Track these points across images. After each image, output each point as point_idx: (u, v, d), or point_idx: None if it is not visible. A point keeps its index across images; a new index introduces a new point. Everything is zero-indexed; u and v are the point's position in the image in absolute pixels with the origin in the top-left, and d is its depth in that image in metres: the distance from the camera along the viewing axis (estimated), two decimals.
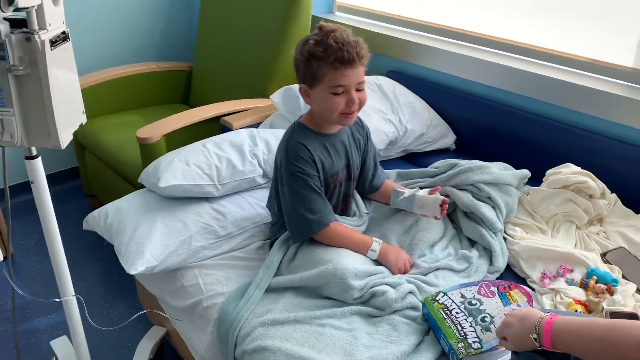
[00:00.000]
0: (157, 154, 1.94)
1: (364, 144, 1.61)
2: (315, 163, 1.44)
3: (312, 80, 1.38)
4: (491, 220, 1.58)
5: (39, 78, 0.95)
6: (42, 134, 0.98)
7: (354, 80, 1.36)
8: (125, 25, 2.89)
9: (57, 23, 0.99)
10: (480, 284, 1.34)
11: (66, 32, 1.02)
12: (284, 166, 1.43)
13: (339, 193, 1.56)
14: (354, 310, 1.34)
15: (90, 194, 2.72)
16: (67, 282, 1.37)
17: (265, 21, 2.38)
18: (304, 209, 1.42)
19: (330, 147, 1.49)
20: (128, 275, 2.27)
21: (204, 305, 1.45)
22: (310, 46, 1.35)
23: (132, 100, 2.72)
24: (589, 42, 1.91)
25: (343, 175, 1.54)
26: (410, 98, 2.18)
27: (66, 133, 1.03)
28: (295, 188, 1.43)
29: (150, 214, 1.61)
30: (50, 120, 0.96)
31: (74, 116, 1.06)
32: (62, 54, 0.99)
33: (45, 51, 0.94)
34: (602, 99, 1.79)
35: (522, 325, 1.03)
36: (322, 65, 1.34)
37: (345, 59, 1.32)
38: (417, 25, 2.41)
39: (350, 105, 1.38)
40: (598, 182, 1.67)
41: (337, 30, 1.35)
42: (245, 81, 2.46)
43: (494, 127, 2.08)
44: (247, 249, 1.61)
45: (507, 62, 2.05)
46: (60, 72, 0.98)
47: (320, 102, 1.40)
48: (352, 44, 1.33)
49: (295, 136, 1.45)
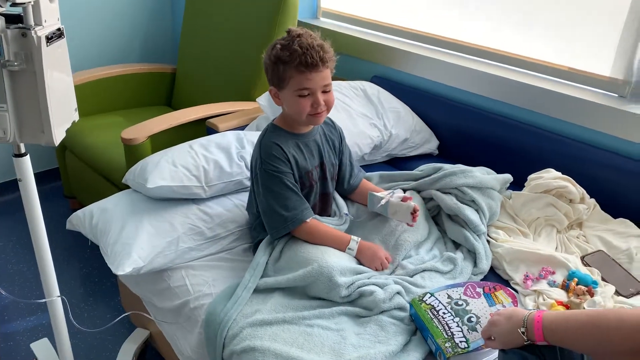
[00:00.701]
0: (142, 155, 1.93)
1: (339, 143, 1.64)
2: (289, 161, 1.46)
3: (280, 83, 1.42)
4: (475, 222, 1.61)
5: (34, 74, 0.94)
6: (36, 131, 0.97)
7: (319, 83, 1.40)
8: (108, 26, 2.87)
9: (52, 19, 0.99)
10: (467, 285, 1.37)
11: (61, 28, 1.02)
12: (259, 166, 1.46)
13: (316, 192, 1.58)
14: (342, 310, 1.35)
15: (71, 195, 2.68)
16: (52, 283, 1.36)
17: (251, 24, 2.39)
18: (278, 206, 1.44)
19: (303, 146, 1.52)
20: (110, 277, 2.25)
21: (191, 306, 1.44)
22: (277, 50, 1.39)
23: (114, 101, 2.70)
24: (568, 51, 1.96)
25: (317, 174, 1.56)
26: (394, 103, 2.21)
27: (59, 130, 1.02)
28: (270, 186, 1.45)
29: (137, 215, 1.60)
30: (44, 117, 0.95)
31: (67, 113, 1.05)
32: (57, 50, 0.98)
33: (41, 47, 0.93)
34: (581, 107, 1.84)
35: (509, 322, 1.06)
36: (287, 69, 1.38)
37: (309, 63, 1.37)
38: (401, 33, 2.44)
39: (316, 107, 1.42)
40: (578, 187, 1.71)
41: (303, 35, 1.39)
42: (231, 84, 2.46)
43: (476, 133, 2.12)
44: (234, 251, 1.61)
45: (490, 70, 2.09)
46: (55, 69, 0.97)
47: (288, 104, 1.45)
48: (316, 48, 1.37)
49: (269, 136, 1.49)
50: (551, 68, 2.00)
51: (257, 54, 2.35)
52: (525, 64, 2.07)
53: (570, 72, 1.96)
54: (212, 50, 2.57)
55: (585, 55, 1.92)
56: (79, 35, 2.75)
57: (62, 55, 1.01)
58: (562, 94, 1.87)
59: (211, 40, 2.57)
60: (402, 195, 1.58)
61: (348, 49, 2.47)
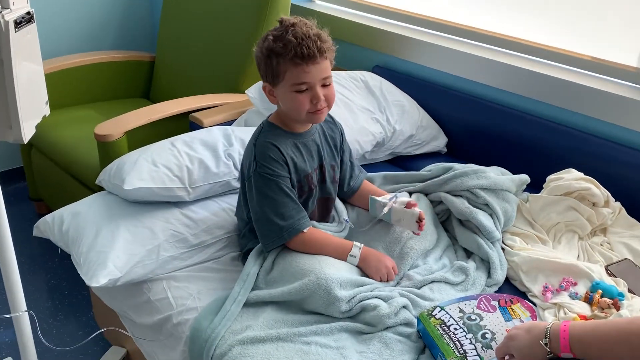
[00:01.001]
0: (118, 153, 1.92)
1: (340, 141, 1.64)
2: (286, 164, 1.46)
3: (274, 78, 1.42)
4: (488, 228, 1.61)
5: (1, 62, 0.94)
6: (2, 126, 0.97)
7: (317, 76, 1.40)
8: (78, 9, 2.86)
9: (21, 2, 0.98)
10: (480, 298, 1.37)
11: (31, 12, 1.02)
12: (253, 168, 1.46)
13: (315, 197, 1.58)
14: (342, 326, 1.35)
15: (37, 197, 2.68)
16: (19, 296, 1.36)
17: (239, 8, 2.39)
18: (274, 214, 1.44)
19: (302, 146, 1.52)
20: (81, 289, 2.24)
21: (173, 321, 1.44)
22: (270, 42, 1.39)
23: (85, 93, 2.70)
24: (591, 39, 1.97)
25: (317, 177, 1.56)
26: (398, 96, 2.22)
27: (29, 125, 1.02)
28: (265, 191, 1.45)
29: (113, 220, 1.60)
30: (12, 111, 0.95)
31: (37, 107, 1.05)
32: (26, 36, 0.98)
33: (9, 33, 0.93)
34: (605, 100, 1.85)
35: (529, 335, 1.07)
36: (282, 62, 1.38)
37: (305, 55, 1.36)
38: (405, 17, 2.45)
39: (315, 102, 1.42)
40: (602, 189, 1.72)
41: (297, 24, 1.39)
42: (216, 74, 2.46)
43: (489, 129, 2.13)
44: (221, 260, 1.61)
45: (505, 59, 2.10)
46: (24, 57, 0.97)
47: (285, 101, 1.45)
48: (312, 37, 1.37)
49: (264, 135, 1.48)
50: (572, 58, 2.01)
51: (246, 41, 2.36)
52: (544, 53, 2.08)
53: (594, 62, 1.97)
54: (195, 37, 2.56)
55: (609, 44, 1.94)
56: (46, 19, 2.74)
57: (32, 42, 1.01)
58: (585, 86, 1.89)
59: (194, 25, 2.57)
60: (407, 200, 1.58)
61: (347, 35, 2.47)
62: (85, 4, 2.88)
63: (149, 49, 2.99)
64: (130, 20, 3.05)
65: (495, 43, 2.20)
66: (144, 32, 3.10)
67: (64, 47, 2.82)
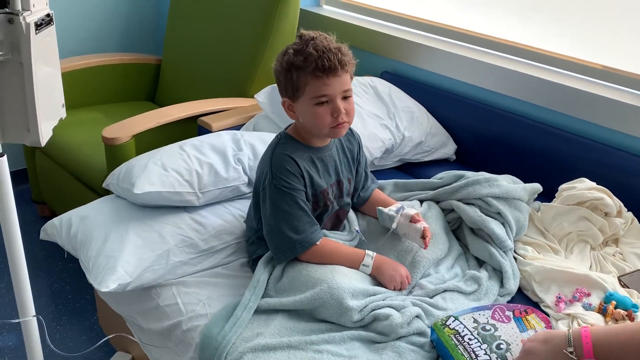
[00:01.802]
0: (125, 156, 1.92)
1: (357, 153, 1.63)
2: (303, 177, 1.46)
3: (294, 92, 1.42)
4: (501, 237, 1.61)
5: (21, 65, 0.93)
6: (20, 129, 0.96)
7: (338, 88, 1.40)
8: (84, 11, 2.86)
9: (41, 4, 0.98)
10: (494, 308, 1.37)
11: (50, 14, 1.01)
12: (269, 180, 1.45)
13: (331, 211, 1.57)
14: (354, 335, 1.34)
15: (40, 200, 2.66)
16: (28, 301, 1.35)
17: (248, 12, 2.38)
18: (287, 227, 1.43)
19: (319, 162, 1.51)
20: (85, 293, 2.23)
21: (183, 328, 1.43)
22: (290, 56, 1.40)
23: (91, 95, 2.69)
24: (603, 48, 1.97)
25: (334, 193, 1.56)
26: (407, 102, 2.21)
27: (46, 128, 1.01)
28: (279, 204, 1.44)
29: (122, 224, 1.58)
30: (30, 114, 0.94)
31: (55, 109, 1.04)
32: (45, 39, 0.98)
33: (30, 35, 0.92)
34: (617, 110, 1.85)
35: (548, 345, 1.06)
36: (302, 75, 1.38)
37: (327, 67, 1.37)
38: (414, 23, 2.45)
39: (337, 115, 1.41)
40: (615, 199, 1.72)
41: (317, 38, 1.40)
42: (224, 78, 2.46)
43: (499, 137, 2.13)
44: (231, 266, 1.60)
45: (516, 67, 2.10)
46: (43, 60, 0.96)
47: (305, 116, 1.44)
48: (333, 50, 1.38)
49: (281, 147, 1.47)
50: (584, 66, 2.01)
51: (254, 45, 2.36)
52: (554, 61, 2.08)
53: (606, 71, 1.97)
54: (202, 40, 2.56)
55: (621, 52, 1.94)
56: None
57: (51, 45, 1.00)
58: (597, 95, 1.89)
59: (201, 28, 2.57)
60: (412, 214, 1.54)
61: (355, 41, 2.47)
62: (91, 6, 2.87)
63: (155, 51, 2.99)
64: (136, 23, 3.05)
65: (505, 50, 2.20)
66: (150, 35, 3.10)
67: (70, 49, 2.81)
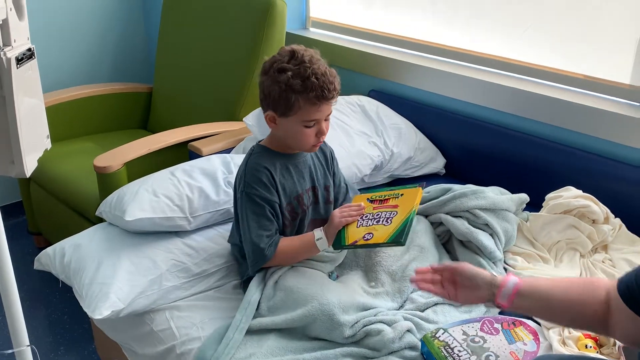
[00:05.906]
0: (117, 184, 1.94)
1: (330, 162, 1.66)
2: (276, 188, 1.49)
3: (286, 111, 1.45)
4: (490, 249, 1.63)
5: (3, 99, 0.96)
6: (4, 161, 0.98)
7: (326, 112, 1.46)
8: (75, 43, 2.90)
9: (22, 39, 1.01)
10: (483, 320, 1.38)
11: (32, 48, 1.04)
12: (241, 188, 1.49)
13: (307, 219, 1.59)
14: (346, 352, 1.35)
15: (36, 231, 2.68)
16: (21, 330, 1.36)
17: (235, 37, 2.42)
18: (256, 235, 1.47)
19: (293, 167, 1.54)
20: (82, 322, 2.24)
21: (177, 351, 1.44)
22: (288, 78, 1.41)
23: (83, 125, 2.71)
24: (585, 59, 2.00)
25: (309, 199, 1.58)
26: (395, 119, 2.24)
27: (31, 159, 1.03)
28: (252, 213, 1.48)
29: (114, 251, 1.60)
30: (14, 146, 0.97)
31: (39, 141, 1.07)
32: (27, 72, 1.00)
33: (11, 70, 0.95)
34: (600, 118, 1.87)
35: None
36: (300, 99, 1.42)
37: (325, 97, 1.42)
38: (398, 42, 2.49)
39: (320, 136, 1.48)
40: (601, 206, 1.74)
41: (313, 61, 1.43)
42: (213, 103, 2.49)
43: (486, 150, 2.15)
44: (223, 288, 1.62)
45: (500, 80, 2.12)
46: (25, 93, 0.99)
47: (289, 132, 1.48)
48: (330, 78, 1.42)
49: (255, 157, 1.52)
50: (566, 77, 2.03)
51: (242, 70, 2.39)
52: (538, 73, 2.10)
53: (587, 81, 2.00)
54: (192, 67, 2.60)
55: (601, 62, 1.96)
56: (42, 52, 2.76)
57: (33, 78, 1.03)
58: (579, 104, 1.91)
59: (191, 56, 2.60)
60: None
61: (342, 61, 2.50)
62: (81, 37, 2.91)
63: (146, 80, 3.02)
64: (126, 52, 3.09)
65: (489, 64, 2.23)
66: (140, 64, 3.13)
67: (61, 80, 2.84)
